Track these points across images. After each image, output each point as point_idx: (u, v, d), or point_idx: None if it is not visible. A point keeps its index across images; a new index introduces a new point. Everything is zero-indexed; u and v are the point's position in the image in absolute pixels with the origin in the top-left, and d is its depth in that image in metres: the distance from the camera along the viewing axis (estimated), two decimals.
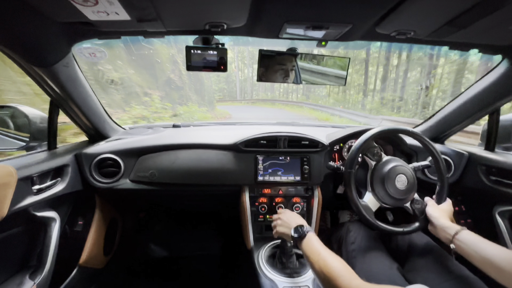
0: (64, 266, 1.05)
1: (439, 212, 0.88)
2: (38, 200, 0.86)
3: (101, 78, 4.89)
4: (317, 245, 0.73)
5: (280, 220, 0.91)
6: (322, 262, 0.67)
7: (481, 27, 0.66)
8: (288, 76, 0.91)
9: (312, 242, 0.75)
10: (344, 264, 0.64)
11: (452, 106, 1.19)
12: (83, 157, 1.06)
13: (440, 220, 0.84)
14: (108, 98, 4.98)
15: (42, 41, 0.72)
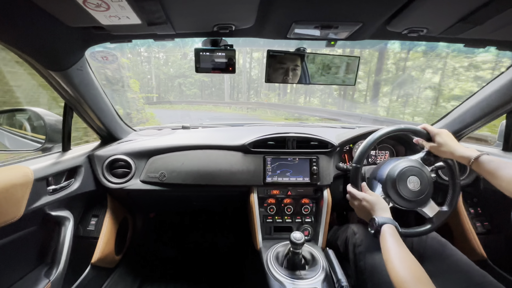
0: (77, 264, 1.07)
1: (446, 147, 0.84)
2: (53, 200, 0.89)
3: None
4: (387, 245, 0.67)
5: (358, 204, 0.86)
6: (390, 265, 0.63)
7: (499, 23, 0.64)
8: (297, 77, 0.90)
9: (384, 240, 0.69)
10: (412, 269, 0.59)
11: (469, 104, 1.15)
12: (96, 158, 1.09)
13: (455, 152, 0.81)
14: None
15: (57, 46, 0.75)
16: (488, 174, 0.71)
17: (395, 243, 0.66)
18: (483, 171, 0.72)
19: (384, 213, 0.78)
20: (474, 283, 0.75)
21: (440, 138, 0.86)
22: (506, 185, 0.65)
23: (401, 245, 0.66)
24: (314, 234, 1.18)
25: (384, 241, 0.69)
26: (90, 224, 1.16)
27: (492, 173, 0.69)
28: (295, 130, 1.22)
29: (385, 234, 0.70)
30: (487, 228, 1.16)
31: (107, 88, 0.93)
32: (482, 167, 0.72)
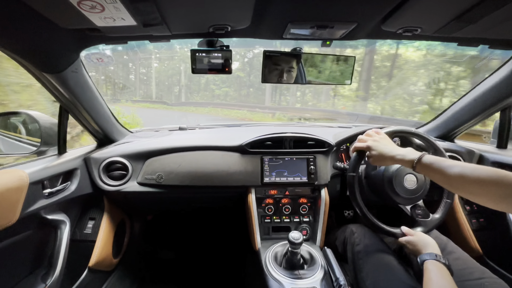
0: (74, 268, 1.06)
1: (381, 155, 0.80)
2: (49, 204, 0.88)
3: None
4: (427, 281, 0.66)
5: (412, 248, 0.83)
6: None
7: (491, 21, 0.65)
8: (293, 77, 0.90)
9: (426, 277, 0.68)
10: None
11: (462, 103, 1.17)
12: (92, 161, 1.08)
13: (394, 156, 0.77)
14: None
15: (52, 48, 0.74)
16: (435, 174, 0.69)
17: (435, 279, 0.65)
18: (429, 172, 0.70)
19: (427, 249, 0.76)
20: (475, 278, 0.76)
21: (373, 150, 0.82)
22: (453, 181, 0.64)
23: (443, 283, 0.64)
24: (312, 233, 1.18)
25: (426, 279, 0.67)
26: (87, 227, 1.15)
27: (438, 172, 0.67)
28: (292, 130, 1.22)
29: (426, 271, 0.69)
30: (482, 224, 1.18)
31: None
32: (426, 168, 0.70)
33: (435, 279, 0.65)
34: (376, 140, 0.84)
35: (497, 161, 1.08)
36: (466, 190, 0.62)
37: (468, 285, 0.75)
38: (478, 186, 0.59)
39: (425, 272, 0.69)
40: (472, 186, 0.60)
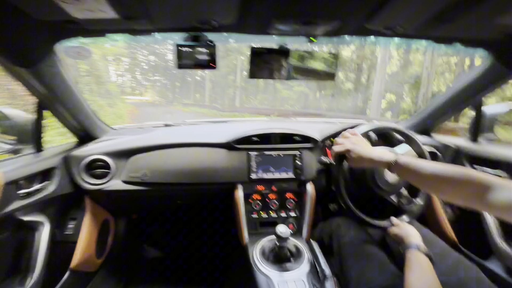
0: (55, 270, 1.03)
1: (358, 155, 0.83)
2: (26, 204, 0.84)
3: None
4: (407, 269, 0.70)
5: (396, 236, 0.88)
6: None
7: (466, 21, 0.68)
8: (279, 73, 0.91)
9: (406, 265, 0.72)
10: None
11: (441, 100, 1.23)
12: (72, 159, 1.04)
13: (372, 157, 0.80)
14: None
15: (24, 40, 0.70)
16: (405, 174, 0.72)
17: (415, 269, 0.69)
18: (404, 173, 0.73)
19: (410, 239, 0.81)
20: (450, 265, 0.81)
21: (352, 153, 0.84)
22: (426, 181, 0.68)
23: (422, 272, 0.68)
24: (299, 227, 1.20)
25: (406, 267, 0.71)
26: (68, 228, 1.11)
27: (410, 172, 0.71)
28: (278, 126, 1.23)
29: (406, 260, 0.73)
30: (457, 215, 1.25)
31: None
32: (402, 169, 0.73)
33: (416, 268, 0.69)
34: (353, 142, 0.86)
35: (469, 154, 1.14)
36: (438, 190, 0.67)
37: (444, 271, 0.80)
38: (450, 186, 0.63)
39: (407, 261, 0.73)
40: (444, 186, 0.64)
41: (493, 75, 0.99)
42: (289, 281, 0.87)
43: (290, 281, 0.87)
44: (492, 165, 1.05)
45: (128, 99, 28.39)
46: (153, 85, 32.85)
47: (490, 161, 1.05)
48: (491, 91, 1.07)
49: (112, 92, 10.90)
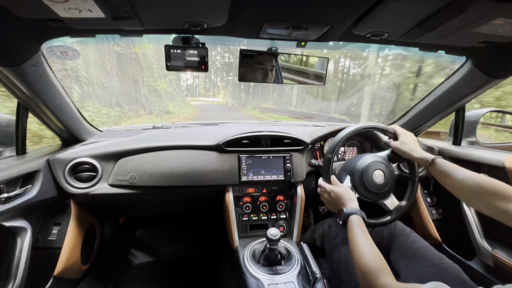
0: (37, 278, 0.98)
1: (406, 147, 0.92)
2: (6, 209, 0.80)
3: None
4: (354, 235, 0.72)
5: (327, 197, 0.90)
6: (355, 254, 0.68)
7: (448, 29, 0.71)
8: (269, 76, 0.92)
9: (351, 230, 0.74)
10: (375, 259, 0.64)
11: (423, 104, 1.27)
12: (56, 162, 1.01)
13: (413, 153, 0.88)
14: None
15: (8, 39, 0.67)
16: (441, 175, 0.79)
17: (361, 234, 0.71)
18: (437, 172, 0.80)
19: (351, 204, 0.83)
20: (433, 264, 0.84)
21: (404, 138, 0.94)
22: (457, 185, 0.74)
23: (366, 236, 0.71)
24: (289, 229, 1.21)
25: (351, 231, 0.74)
26: (51, 233, 1.07)
27: (445, 174, 0.77)
28: (269, 129, 1.24)
29: (352, 225, 0.75)
30: (441, 215, 1.29)
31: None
32: (436, 169, 0.80)
33: (360, 233, 0.72)
34: (326, 198, 0.92)
35: (452, 156, 1.19)
36: (467, 196, 0.71)
37: (428, 269, 0.83)
38: (478, 194, 0.68)
39: (352, 226, 0.75)
40: (473, 193, 0.69)
41: (474, 81, 1.04)
42: (279, 283, 0.87)
43: (281, 284, 0.87)
44: (474, 167, 1.10)
45: (197, 100, 26.29)
46: (226, 86, 31.28)
47: (472, 163, 1.09)
48: (474, 97, 1.12)
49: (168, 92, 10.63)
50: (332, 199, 0.88)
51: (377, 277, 0.59)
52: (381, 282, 0.58)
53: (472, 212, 1.11)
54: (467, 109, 1.22)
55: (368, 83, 10.59)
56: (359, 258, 0.66)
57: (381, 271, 0.61)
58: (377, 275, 0.60)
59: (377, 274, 0.60)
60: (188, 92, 32.20)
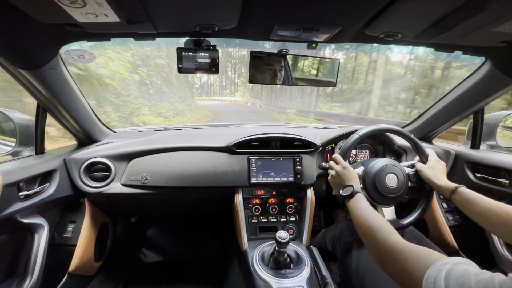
0: (53, 273, 1.02)
1: (431, 173, 0.91)
2: (25, 207, 0.83)
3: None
4: (363, 204, 0.76)
5: (335, 173, 0.91)
6: (364, 218, 0.70)
7: (465, 29, 0.69)
8: (280, 78, 0.91)
9: (359, 201, 0.78)
10: (386, 222, 0.66)
11: (439, 106, 1.23)
12: (72, 162, 1.04)
13: (437, 180, 0.88)
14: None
15: (29, 43, 0.71)
16: (465, 203, 0.77)
17: (368, 205, 0.76)
18: (461, 201, 0.78)
19: (356, 184, 0.86)
20: None
21: (434, 164, 0.94)
22: (483, 213, 0.72)
23: (371, 207, 0.75)
24: (299, 232, 1.19)
25: (358, 203, 0.77)
26: (67, 231, 1.11)
27: (469, 202, 0.76)
28: (279, 131, 1.23)
29: (360, 198, 0.79)
30: (458, 221, 1.24)
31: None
32: (460, 197, 0.79)
33: (368, 205, 0.76)
34: (333, 175, 0.93)
35: (470, 161, 1.14)
36: (491, 225, 0.70)
37: None
38: (501, 224, 0.67)
39: (359, 200, 0.78)
40: (496, 222, 0.68)
41: (493, 82, 1.00)
42: (289, 287, 0.86)
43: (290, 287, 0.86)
44: (494, 172, 1.05)
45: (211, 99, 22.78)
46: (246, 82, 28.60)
47: (492, 168, 1.05)
48: (493, 99, 1.07)
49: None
50: (343, 174, 0.89)
51: (389, 235, 0.60)
52: (392, 240, 0.58)
53: None
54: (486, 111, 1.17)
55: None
56: (370, 219, 0.68)
57: (391, 230, 0.62)
58: (388, 233, 0.60)
59: (388, 233, 0.61)
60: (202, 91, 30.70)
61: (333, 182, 0.92)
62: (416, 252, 0.51)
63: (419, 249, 0.52)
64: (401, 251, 0.53)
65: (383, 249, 0.58)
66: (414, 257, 0.50)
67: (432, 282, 0.41)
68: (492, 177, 1.06)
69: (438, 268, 0.43)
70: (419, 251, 0.51)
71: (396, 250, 0.55)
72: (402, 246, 0.55)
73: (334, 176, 0.92)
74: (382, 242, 0.59)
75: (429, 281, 0.42)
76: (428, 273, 0.43)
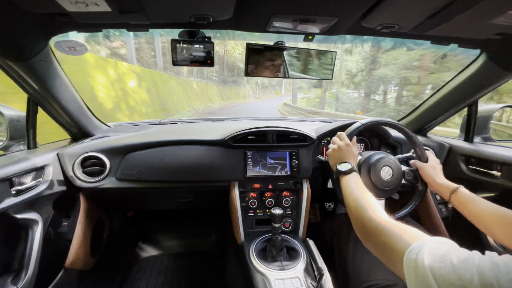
0: (49, 269, 1.01)
1: (431, 171, 0.91)
2: (18, 202, 0.82)
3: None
4: (357, 182, 0.76)
5: (337, 147, 0.90)
6: (356, 196, 0.70)
7: (461, 21, 0.68)
8: (276, 71, 0.91)
9: (354, 179, 0.78)
10: (376, 201, 0.66)
11: (434, 99, 1.24)
12: (66, 156, 1.02)
13: (437, 179, 0.88)
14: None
15: (17, 34, 0.68)
16: (464, 203, 0.77)
17: (361, 184, 0.76)
18: (460, 200, 0.79)
19: (354, 162, 0.87)
20: None
21: (435, 164, 0.93)
22: (480, 214, 0.73)
23: (364, 186, 0.75)
24: (295, 225, 1.21)
25: (352, 180, 0.77)
26: (62, 226, 1.10)
27: (469, 202, 0.76)
28: (275, 124, 1.23)
29: (354, 177, 0.79)
30: (450, 213, 1.27)
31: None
32: (459, 197, 0.79)
33: (360, 185, 0.75)
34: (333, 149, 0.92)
35: (463, 153, 1.15)
36: (489, 228, 0.71)
37: None
38: (500, 226, 0.67)
39: (353, 178, 0.78)
40: (494, 225, 0.68)
41: (488, 75, 1.00)
42: (285, 279, 0.87)
43: (286, 279, 0.87)
44: (487, 165, 1.06)
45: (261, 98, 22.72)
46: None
47: (485, 161, 1.06)
48: (488, 92, 1.08)
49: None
50: (345, 150, 0.88)
51: (377, 213, 0.60)
52: (380, 217, 0.58)
53: None
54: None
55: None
56: (360, 197, 0.68)
57: (380, 209, 0.62)
58: (377, 211, 0.60)
59: (377, 211, 0.61)
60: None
61: (332, 155, 0.90)
62: (403, 228, 0.52)
63: (406, 226, 0.53)
64: (388, 226, 0.54)
65: (369, 225, 0.59)
66: (401, 232, 0.50)
67: (415, 253, 0.42)
68: (485, 169, 1.07)
69: (423, 242, 0.43)
70: (406, 227, 0.52)
71: (383, 225, 0.55)
72: (389, 221, 0.56)
73: (335, 150, 0.90)
74: (369, 219, 0.59)
75: (412, 252, 0.43)
76: (413, 246, 0.44)
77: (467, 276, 0.35)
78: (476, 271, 0.35)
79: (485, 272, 0.34)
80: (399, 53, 9.98)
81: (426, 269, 0.39)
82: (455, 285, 0.35)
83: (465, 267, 0.36)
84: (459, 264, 0.37)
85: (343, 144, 0.89)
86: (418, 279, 0.40)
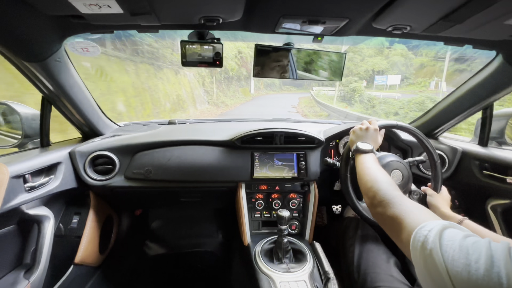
0: (59, 264, 1.04)
1: (439, 201, 0.89)
2: (31, 198, 0.85)
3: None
4: (374, 160, 0.78)
5: (364, 128, 0.92)
6: (373, 171, 0.71)
7: (476, 22, 0.66)
8: (284, 72, 0.90)
9: (373, 159, 0.79)
10: (390, 179, 0.67)
11: (447, 102, 1.20)
12: (77, 154, 1.05)
13: (441, 209, 0.86)
14: None
15: (33, 35, 0.71)
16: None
17: (377, 163, 0.78)
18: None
19: (375, 146, 0.89)
20: None
21: (445, 195, 0.94)
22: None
23: (378, 165, 0.77)
24: (302, 228, 1.19)
25: (367, 159, 0.79)
26: (72, 222, 1.12)
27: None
28: (283, 126, 1.22)
29: (371, 156, 0.81)
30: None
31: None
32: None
33: (374, 164, 0.77)
34: (361, 129, 0.93)
35: (478, 158, 1.12)
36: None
37: None
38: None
39: (369, 157, 0.80)
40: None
41: (505, 78, 0.97)
42: (291, 281, 0.87)
43: (292, 282, 0.86)
44: (502, 170, 1.03)
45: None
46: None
47: (500, 166, 1.02)
48: (504, 95, 1.04)
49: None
50: (371, 133, 0.89)
51: (393, 188, 0.60)
52: (396, 192, 0.58)
53: (497, 217, 1.04)
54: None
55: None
56: (375, 175, 0.68)
57: (395, 185, 0.62)
58: (394, 187, 0.61)
59: (394, 186, 0.61)
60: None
61: (357, 133, 0.91)
62: (420, 207, 0.52)
63: (423, 206, 0.52)
64: (405, 201, 0.54)
65: (383, 195, 0.58)
66: (416, 210, 0.50)
67: (428, 230, 0.41)
68: (500, 174, 1.04)
69: (438, 222, 0.43)
70: (422, 207, 0.52)
71: (399, 198, 0.55)
72: (406, 198, 0.55)
73: (362, 129, 0.91)
74: (384, 190, 0.60)
75: (424, 228, 0.42)
76: (426, 223, 0.43)
77: (474, 256, 0.35)
78: (484, 253, 0.35)
79: (495, 256, 0.34)
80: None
81: (436, 245, 0.39)
82: (460, 262, 0.35)
83: (475, 248, 0.36)
84: (469, 245, 0.37)
85: (372, 127, 0.90)
86: (425, 253, 0.39)
